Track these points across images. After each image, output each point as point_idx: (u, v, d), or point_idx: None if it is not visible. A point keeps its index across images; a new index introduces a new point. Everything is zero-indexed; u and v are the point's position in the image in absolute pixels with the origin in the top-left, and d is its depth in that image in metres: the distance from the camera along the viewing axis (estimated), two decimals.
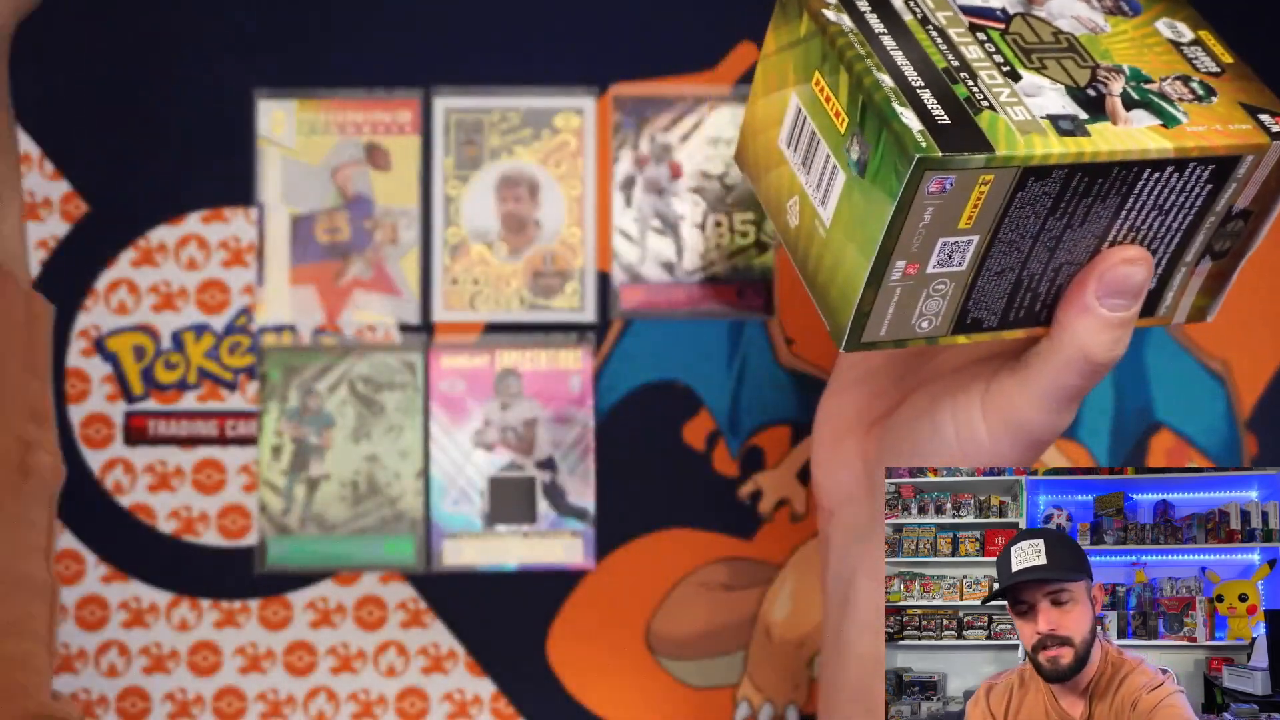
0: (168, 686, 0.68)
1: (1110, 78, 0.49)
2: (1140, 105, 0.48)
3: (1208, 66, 0.50)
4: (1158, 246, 0.50)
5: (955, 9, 0.49)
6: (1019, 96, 0.47)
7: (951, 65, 0.47)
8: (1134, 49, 0.50)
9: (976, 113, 0.45)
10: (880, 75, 0.46)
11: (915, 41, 0.48)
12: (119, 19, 0.70)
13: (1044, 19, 0.50)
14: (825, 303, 0.48)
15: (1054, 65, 0.48)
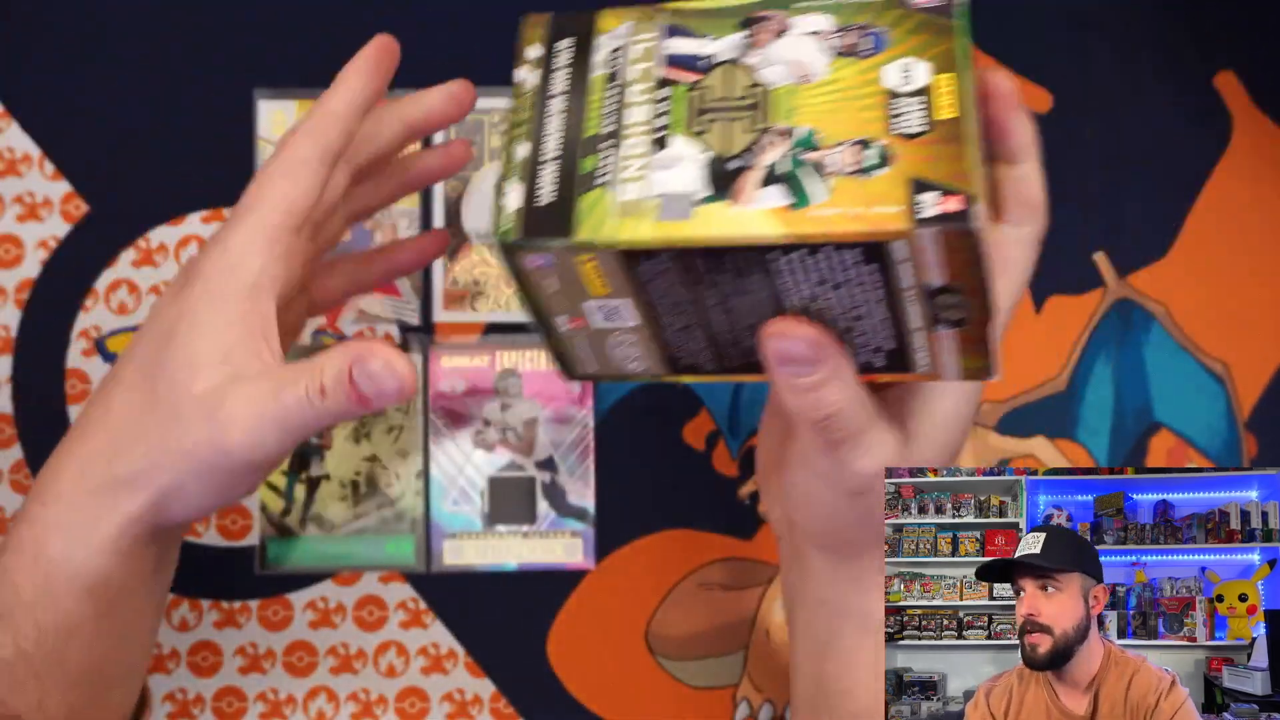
0: (168, 686, 0.68)
1: (769, 145, 0.45)
2: (781, 180, 0.44)
3: (909, 127, 0.44)
4: (860, 313, 0.45)
5: (659, 60, 0.47)
6: (647, 172, 0.45)
7: (602, 132, 0.46)
8: (833, 103, 0.45)
9: (586, 190, 0.45)
10: (520, 146, 0.46)
11: (584, 102, 0.47)
12: (119, 19, 0.70)
13: (751, 66, 0.46)
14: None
15: (718, 128, 0.45)
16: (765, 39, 0.46)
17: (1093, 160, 0.72)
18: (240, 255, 0.49)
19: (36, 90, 0.70)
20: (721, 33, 0.47)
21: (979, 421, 0.70)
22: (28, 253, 0.69)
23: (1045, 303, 0.71)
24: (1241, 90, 0.72)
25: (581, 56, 0.48)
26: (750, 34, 0.47)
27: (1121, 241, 0.71)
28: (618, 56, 0.47)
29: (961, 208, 0.41)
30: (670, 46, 0.47)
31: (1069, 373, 0.71)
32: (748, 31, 0.47)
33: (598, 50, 0.48)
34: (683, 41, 0.47)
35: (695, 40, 0.47)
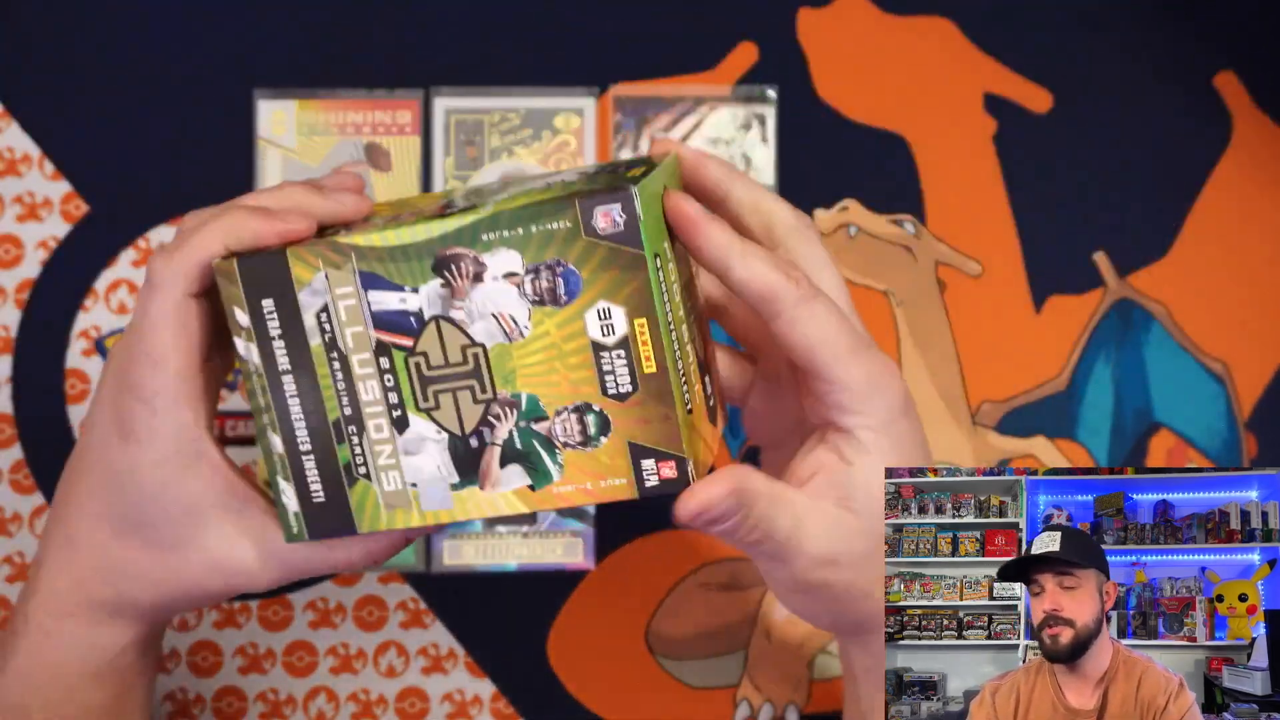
0: (169, 686, 0.68)
1: (502, 416, 0.48)
2: (518, 459, 0.48)
3: (618, 388, 0.48)
4: None
5: (367, 321, 0.48)
6: (398, 458, 0.49)
7: (344, 414, 0.48)
8: (546, 362, 0.47)
9: (352, 483, 0.49)
10: (273, 438, 0.49)
11: (315, 381, 0.48)
12: (120, 20, 0.70)
13: (460, 322, 0.47)
14: None
15: (448, 401, 0.48)
16: (463, 286, 0.47)
17: (1093, 160, 0.72)
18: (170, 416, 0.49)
19: (36, 90, 0.70)
20: (417, 280, 0.47)
21: (979, 421, 0.70)
22: (28, 253, 0.69)
23: (1045, 303, 0.71)
24: (1241, 90, 0.72)
25: (291, 321, 0.48)
26: (446, 281, 0.47)
27: (1121, 241, 0.72)
28: (325, 320, 0.48)
29: (674, 475, 0.48)
30: (373, 301, 0.48)
31: (1069, 373, 0.71)
32: (443, 279, 0.47)
33: (304, 311, 0.48)
34: (383, 295, 0.48)
35: (395, 293, 0.48)
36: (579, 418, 0.48)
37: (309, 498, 0.49)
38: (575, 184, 0.49)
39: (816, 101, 0.71)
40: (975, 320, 0.71)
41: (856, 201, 0.71)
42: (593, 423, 0.48)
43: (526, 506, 0.48)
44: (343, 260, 0.47)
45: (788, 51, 0.71)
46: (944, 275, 0.71)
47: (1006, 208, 0.71)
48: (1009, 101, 0.72)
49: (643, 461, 0.48)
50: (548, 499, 0.48)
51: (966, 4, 0.72)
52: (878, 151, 0.71)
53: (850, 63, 0.72)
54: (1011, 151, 0.72)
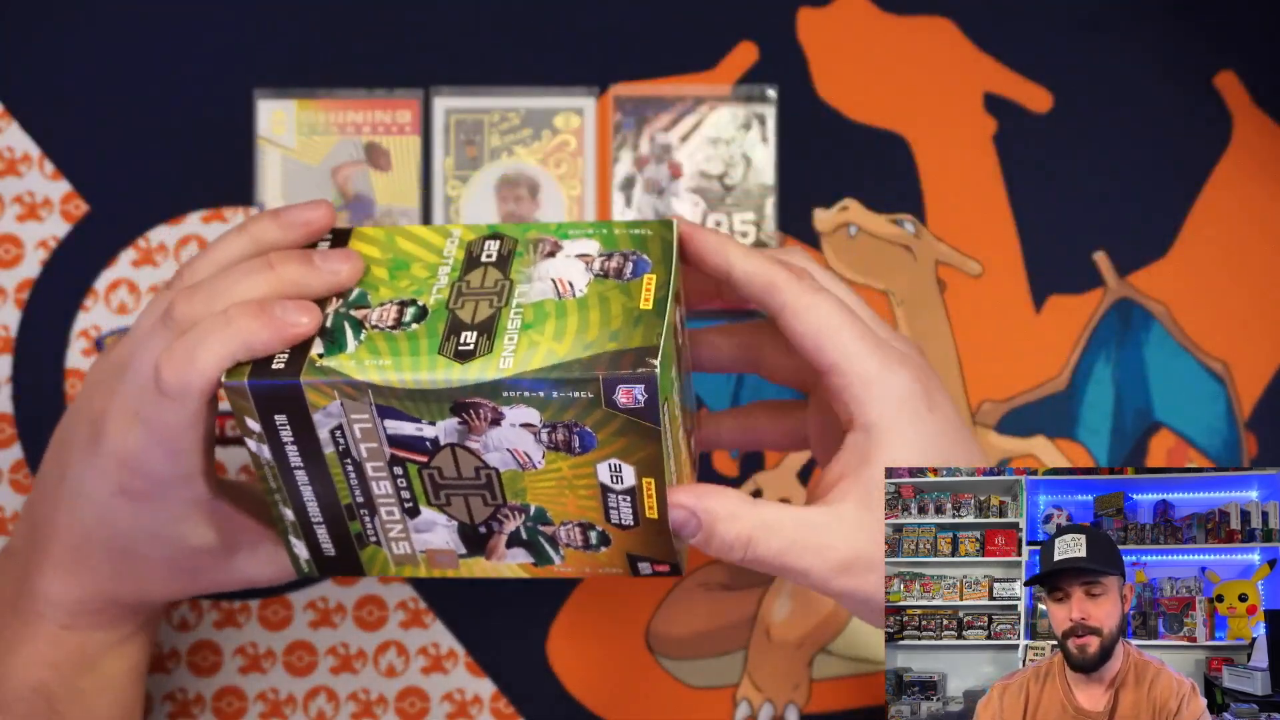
0: (168, 686, 0.68)
1: (509, 517, 0.50)
2: (523, 545, 0.51)
3: (621, 520, 0.50)
4: None
5: (382, 441, 0.49)
6: (408, 533, 0.51)
7: (356, 501, 0.51)
8: (556, 489, 0.49)
9: (363, 547, 0.52)
10: (285, 510, 0.51)
11: (328, 476, 0.50)
12: (120, 19, 0.70)
13: (475, 451, 0.48)
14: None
15: (460, 502, 0.50)
16: (481, 427, 0.48)
17: (1093, 160, 0.72)
18: (178, 478, 0.51)
19: (36, 90, 0.70)
20: (434, 416, 0.48)
21: (979, 421, 0.70)
22: (28, 253, 0.69)
23: (1045, 302, 0.71)
24: (1241, 90, 0.72)
25: (304, 431, 0.49)
26: (464, 420, 0.48)
27: (1121, 241, 0.71)
28: (340, 435, 0.49)
29: (667, 570, 0.52)
30: (389, 427, 0.49)
31: (1069, 372, 0.71)
32: (461, 419, 0.48)
33: (319, 428, 0.49)
34: (400, 424, 0.48)
35: (412, 424, 0.48)
36: (582, 531, 0.50)
37: (319, 551, 0.53)
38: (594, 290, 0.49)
39: (816, 101, 0.71)
40: (975, 320, 0.71)
41: (856, 201, 0.71)
42: (595, 536, 0.51)
43: (527, 574, 0.52)
44: (359, 395, 0.48)
45: (788, 51, 0.71)
46: (944, 275, 0.71)
47: (1006, 208, 0.71)
48: (1009, 101, 0.72)
49: (639, 564, 0.51)
50: (548, 572, 0.52)
51: (966, 4, 0.72)
52: (878, 151, 0.71)
53: (850, 63, 0.72)
54: (1011, 151, 0.72)
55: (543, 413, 0.47)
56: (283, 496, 0.51)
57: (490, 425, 0.48)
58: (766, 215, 0.70)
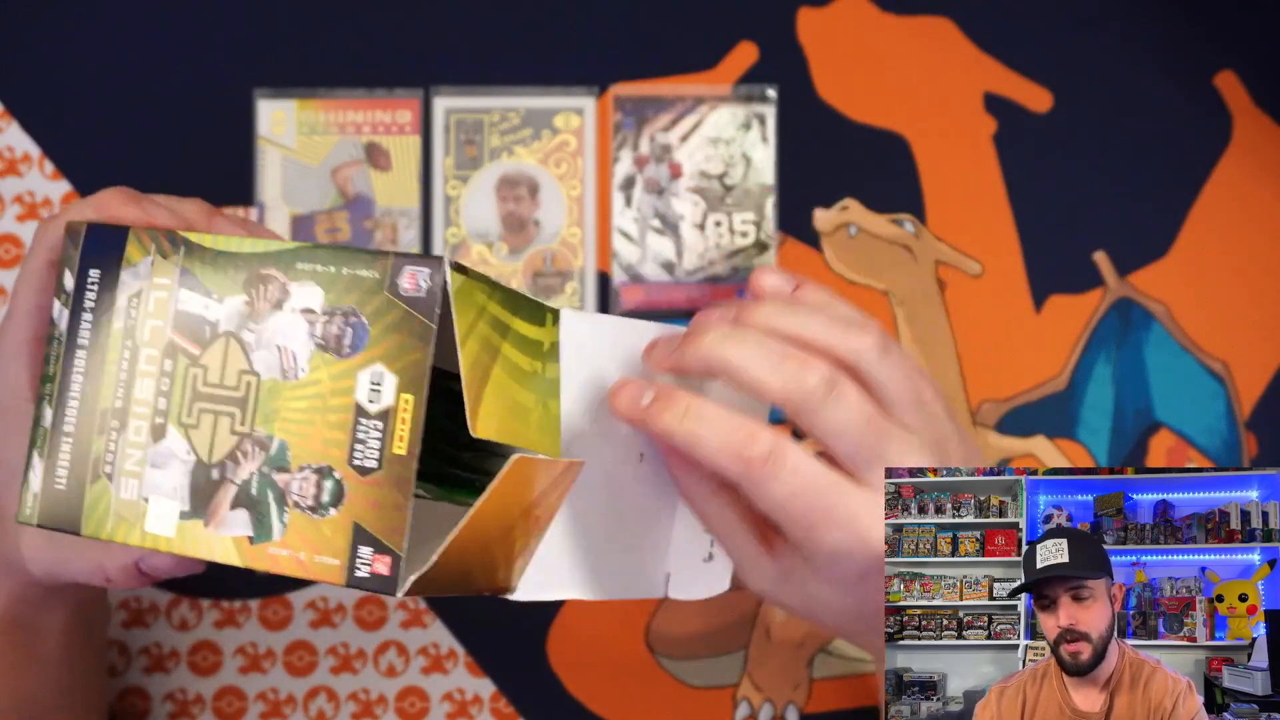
0: (168, 686, 0.68)
1: (249, 454, 0.47)
2: (248, 505, 0.47)
3: (365, 460, 0.46)
4: None
5: (169, 318, 0.48)
6: (143, 467, 0.48)
7: (114, 405, 0.49)
8: (309, 412, 0.47)
9: (94, 480, 0.49)
10: (46, 410, 0.49)
11: (104, 363, 0.49)
12: (120, 19, 0.70)
13: (248, 345, 0.47)
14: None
15: (208, 423, 0.48)
16: (263, 308, 0.47)
17: (1093, 160, 0.72)
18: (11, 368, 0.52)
19: (36, 90, 0.70)
20: (225, 291, 0.48)
21: (979, 421, 0.70)
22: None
23: (1045, 302, 0.71)
24: (1241, 90, 0.72)
25: (106, 296, 0.49)
26: (250, 299, 0.47)
27: (1121, 241, 0.71)
28: (134, 306, 0.49)
29: (388, 573, 0.45)
30: (182, 300, 0.48)
31: (1069, 372, 0.71)
32: (247, 297, 0.47)
33: (121, 290, 0.49)
34: (192, 298, 0.48)
35: (203, 299, 0.48)
36: (318, 480, 0.47)
37: (53, 481, 0.50)
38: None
39: (816, 101, 0.71)
40: (975, 320, 0.71)
41: (856, 201, 0.71)
42: (329, 489, 0.46)
43: (238, 560, 0.47)
44: (172, 251, 0.48)
45: (788, 51, 0.71)
46: (944, 275, 0.71)
47: (1006, 208, 0.71)
48: (1009, 101, 0.72)
49: (361, 548, 0.46)
50: (260, 557, 0.47)
51: (966, 4, 0.72)
52: (878, 151, 0.71)
53: (850, 63, 0.72)
54: (1011, 151, 0.72)
55: (328, 293, 0.46)
56: (53, 389, 0.49)
57: (272, 308, 0.47)
58: (766, 215, 0.70)
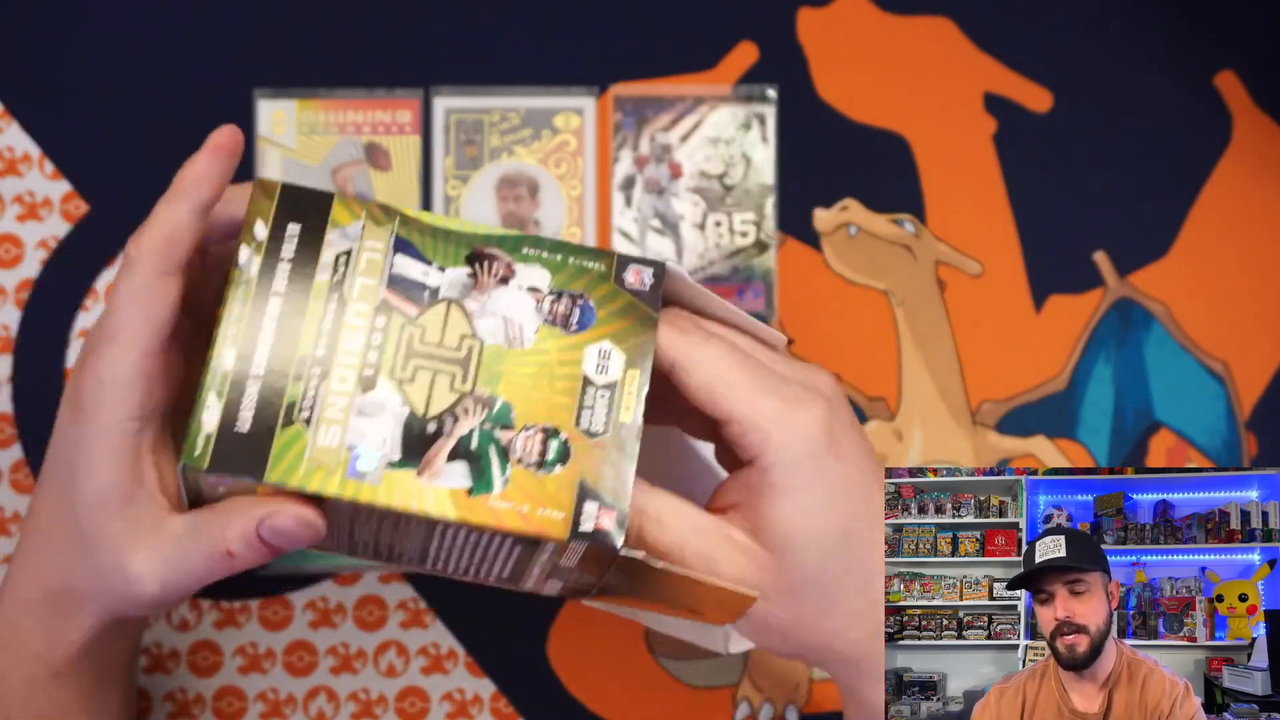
0: (168, 686, 0.68)
1: (468, 412, 0.47)
2: (467, 457, 0.47)
3: (592, 425, 0.48)
4: (493, 565, 0.50)
5: (383, 279, 0.48)
6: (347, 416, 0.47)
7: (315, 354, 0.47)
8: (533, 380, 0.48)
9: (286, 424, 0.47)
10: (227, 351, 0.47)
11: (301, 316, 0.48)
12: (120, 19, 0.70)
13: (468, 314, 0.48)
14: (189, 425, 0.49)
15: (423, 379, 0.47)
16: (487, 283, 0.48)
17: (1093, 160, 0.72)
18: (117, 391, 0.48)
19: (36, 90, 0.70)
20: (448, 262, 0.48)
21: (979, 421, 0.70)
22: (28, 253, 0.69)
23: (1045, 302, 0.71)
24: (1241, 90, 0.72)
25: (307, 252, 0.48)
26: (474, 273, 0.48)
27: (1121, 241, 0.71)
28: (342, 264, 0.48)
29: (610, 528, 0.47)
30: (396, 265, 0.48)
31: (1069, 372, 0.71)
32: (472, 269, 0.48)
33: (326, 248, 0.48)
34: (409, 263, 0.48)
35: (421, 265, 0.48)
36: (543, 439, 0.47)
37: (232, 424, 0.47)
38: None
39: (816, 101, 0.71)
40: (975, 320, 0.71)
41: (856, 201, 0.71)
42: (554, 448, 0.47)
43: (454, 512, 0.47)
44: (386, 220, 0.48)
45: (788, 51, 0.71)
46: (944, 275, 0.71)
47: (1006, 208, 0.71)
48: (1009, 101, 0.72)
49: (586, 503, 0.47)
50: (478, 510, 0.47)
51: (966, 4, 0.72)
52: (878, 151, 0.71)
53: (850, 63, 0.72)
54: (1011, 151, 0.72)
55: (554, 276, 0.48)
56: (236, 331, 0.47)
57: (498, 283, 0.48)
58: (766, 215, 0.70)
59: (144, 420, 0.49)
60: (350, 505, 0.47)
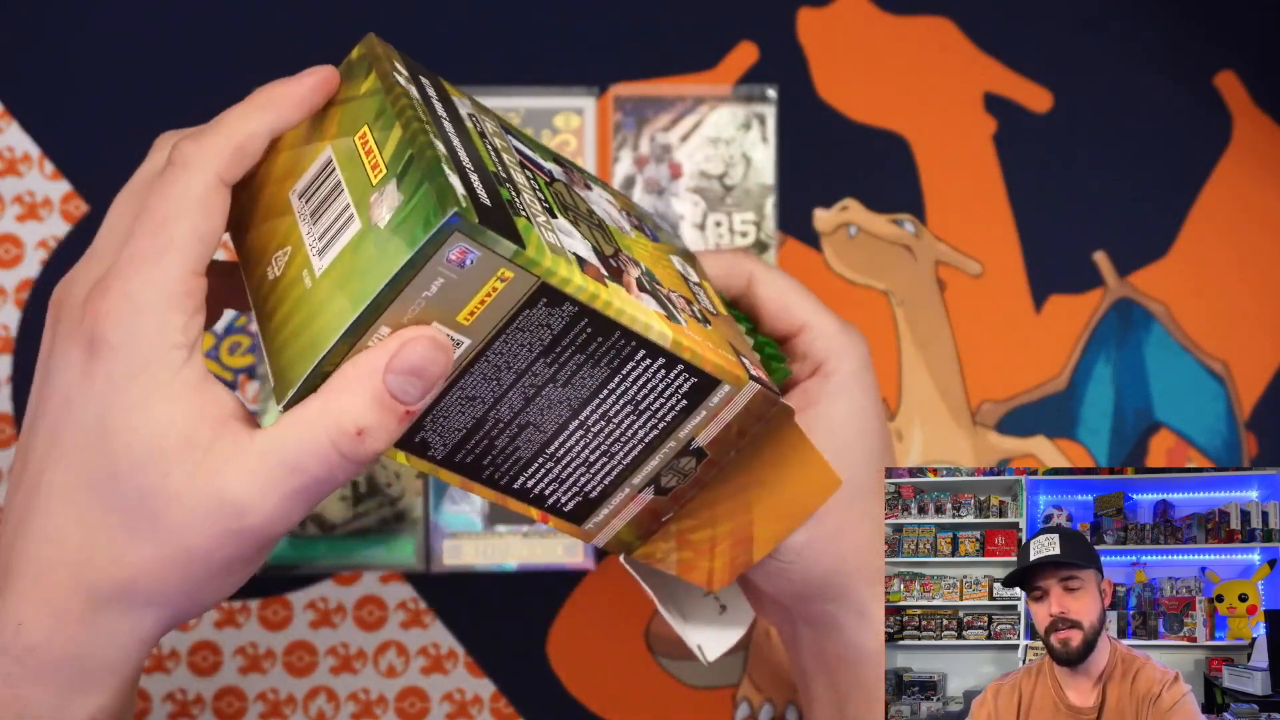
0: (168, 686, 0.68)
1: (629, 263, 0.47)
2: (650, 294, 0.46)
3: (706, 306, 0.50)
4: (618, 450, 0.47)
5: (512, 145, 0.47)
6: (554, 228, 0.44)
7: (500, 174, 0.44)
8: (650, 258, 0.49)
9: (516, 215, 0.42)
10: (436, 141, 0.42)
11: (471, 141, 0.44)
12: (120, 19, 0.70)
13: (581, 197, 0.49)
14: (283, 358, 0.42)
15: (584, 227, 0.46)
16: (577, 180, 0.49)
17: (1093, 160, 0.72)
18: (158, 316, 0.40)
19: (36, 90, 0.70)
20: (545, 157, 0.49)
21: (979, 421, 0.70)
22: (28, 253, 0.69)
23: (1045, 302, 0.71)
24: (1241, 90, 0.72)
25: (446, 101, 0.46)
26: (565, 170, 0.49)
27: (1121, 241, 0.71)
28: (473, 121, 0.47)
29: (763, 374, 0.47)
30: (512, 143, 0.48)
31: (1069, 372, 0.71)
32: (562, 168, 0.49)
33: (460, 106, 0.47)
34: (519, 145, 0.48)
35: (529, 149, 0.49)
36: (688, 302, 0.49)
37: (476, 196, 0.41)
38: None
39: (816, 101, 0.71)
40: (975, 320, 0.71)
41: (856, 201, 0.71)
42: (699, 312, 0.49)
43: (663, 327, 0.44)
44: (485, 113, 0.49)
45: (788, 51, 0.71)
46: (944, 275, 0.71)
47: (1006, 208, 0.71)
48: (1009, 101, 0.72)
49: (740, 357, 0.47)
50: (682, 333, 0.45)
51: (966, 4, 0.72)
52: (878, 151, 0.71)
53: (850, 63, 0.72)
54: (1011, 151, 0.72)
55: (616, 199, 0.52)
56: (434, 130, 0.42)
57: (584, 188, 0.50)
58: (766, 215, 0.70)
59: (190, 349, 0.41)
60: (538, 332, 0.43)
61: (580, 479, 0.48)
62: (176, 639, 0.68)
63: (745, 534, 0.49)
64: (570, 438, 0.46)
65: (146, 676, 0.67)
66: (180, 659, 0.68)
